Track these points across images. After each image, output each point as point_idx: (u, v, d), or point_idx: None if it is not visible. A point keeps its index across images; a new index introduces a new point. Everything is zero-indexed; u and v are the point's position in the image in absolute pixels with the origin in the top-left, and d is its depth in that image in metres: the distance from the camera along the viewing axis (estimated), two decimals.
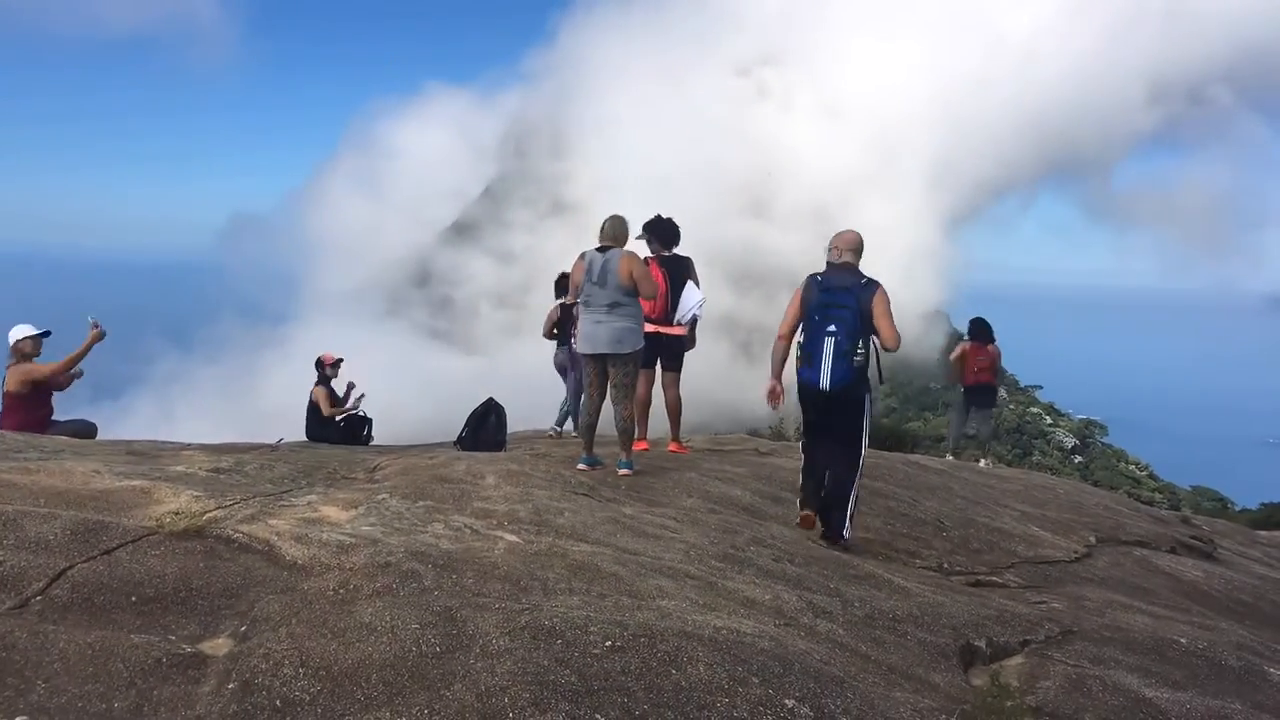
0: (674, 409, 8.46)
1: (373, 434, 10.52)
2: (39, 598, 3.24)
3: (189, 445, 7.52)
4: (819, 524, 6.01)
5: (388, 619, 3.23)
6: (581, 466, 6.91)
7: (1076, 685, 3.77)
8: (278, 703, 2.69)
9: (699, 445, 9.71)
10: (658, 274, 7.73)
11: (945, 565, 5.92)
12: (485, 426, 8.52)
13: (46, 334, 8.35)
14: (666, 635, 3.29)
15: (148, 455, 6.34)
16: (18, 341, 8.22)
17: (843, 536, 5.90)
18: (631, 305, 6.86)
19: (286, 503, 4.84)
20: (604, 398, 7.05)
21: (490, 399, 8.90)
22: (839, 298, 5.78)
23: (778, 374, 6.18)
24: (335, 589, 3.55)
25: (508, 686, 2.79)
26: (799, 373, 5.98)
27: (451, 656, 3.01)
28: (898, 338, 5.71)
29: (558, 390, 10.70)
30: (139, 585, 3.43)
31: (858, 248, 5.97)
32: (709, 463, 7.86)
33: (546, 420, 10.90)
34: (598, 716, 2.71)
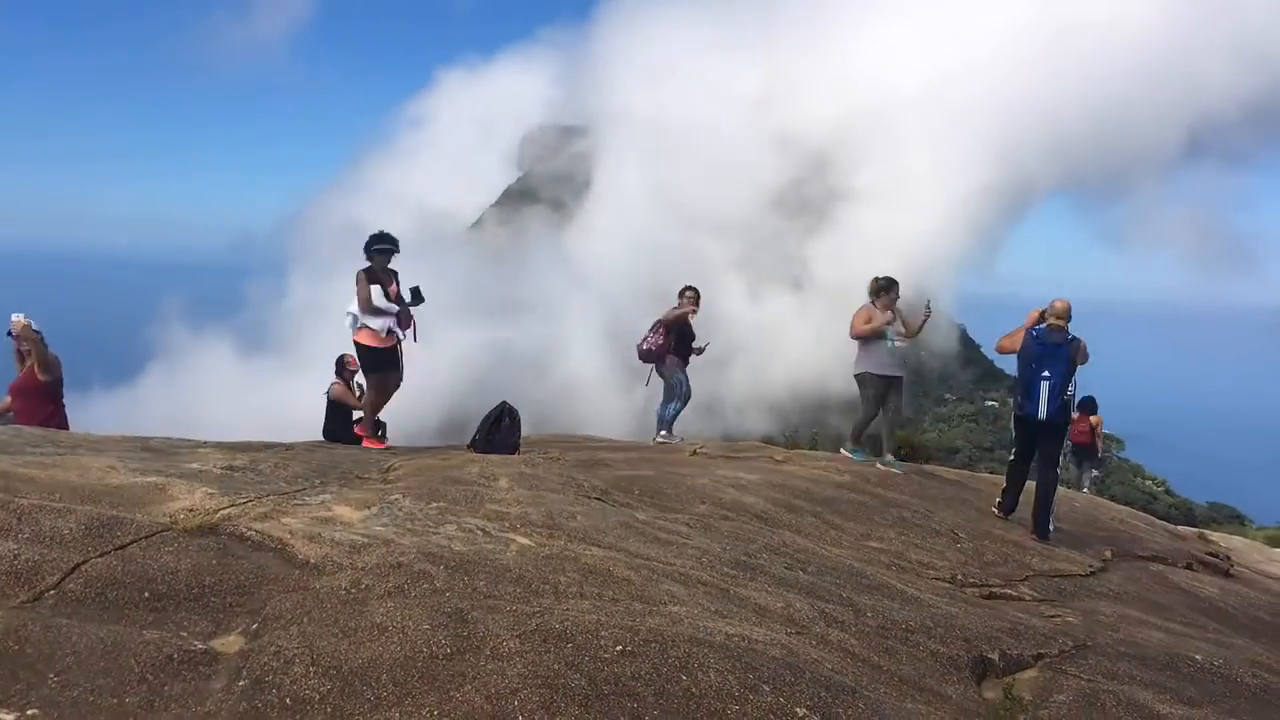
0: None
1: (386, 435, 10.54)
2: (53, 591, 3.26)
3: (204, 442, 7.55)
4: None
5: (399, 619, 3.23)
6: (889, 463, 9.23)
7: (1090, 700, 3.73)
8: (288, 701, 2.69)
9: (712, 451, 9.69)
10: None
11: (959, 577, 5.88)
12: (499, 429, 8.51)
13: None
14: (678, 641, 3.28)
15: (163, 452, 6.37)
16: (24, 327, 7.71)
17: (1049, 533, 7.48)
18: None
19: (300, 502, 4.85)
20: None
21: (504, 402, 8.90)
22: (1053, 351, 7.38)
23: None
24: (347, 588, 3.56)
25: (518, 689, 2.79)
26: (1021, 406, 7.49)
27: (462, 658, 3.01)
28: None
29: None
30: (152, 581, 3.44)
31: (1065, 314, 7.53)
32: (722, 469, 7.84)
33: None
34: None
